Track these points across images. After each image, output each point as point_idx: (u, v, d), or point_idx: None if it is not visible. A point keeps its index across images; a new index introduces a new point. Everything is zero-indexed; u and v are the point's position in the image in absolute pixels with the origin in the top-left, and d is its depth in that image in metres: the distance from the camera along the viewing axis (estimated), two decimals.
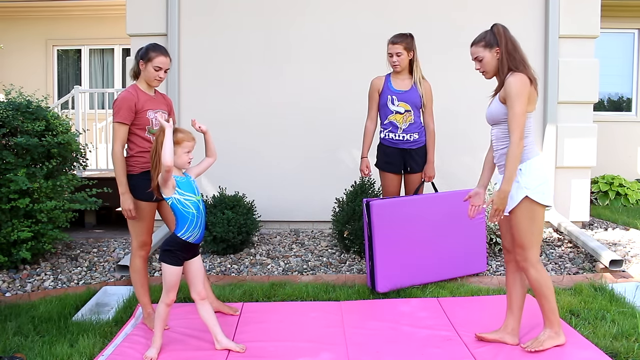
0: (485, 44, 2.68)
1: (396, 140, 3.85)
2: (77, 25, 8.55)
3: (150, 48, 3.08)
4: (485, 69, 2.72)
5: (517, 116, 2.55)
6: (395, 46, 3.74)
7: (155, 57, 3.04)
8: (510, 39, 2.66)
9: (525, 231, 2.62)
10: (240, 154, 5.29)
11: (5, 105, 4.26)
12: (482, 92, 5.18)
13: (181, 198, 2.70)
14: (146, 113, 3.07)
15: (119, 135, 3.04)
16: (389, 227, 3.58)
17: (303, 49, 5.25)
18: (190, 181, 2.79)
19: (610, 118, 7.64)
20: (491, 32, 2.69)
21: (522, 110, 2.56)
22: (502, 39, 2.65)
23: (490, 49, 2.67)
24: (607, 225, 5.59)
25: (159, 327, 2.78)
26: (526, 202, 2.59)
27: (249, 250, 4.66)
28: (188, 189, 2.74)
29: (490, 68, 2.71)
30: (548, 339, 2.70)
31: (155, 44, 3.15)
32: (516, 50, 2.65)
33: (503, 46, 2.64)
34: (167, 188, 2.68)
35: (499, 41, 2.65)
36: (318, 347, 2.84)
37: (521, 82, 2.57)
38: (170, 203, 2.71)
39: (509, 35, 2.67)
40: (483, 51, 2.69)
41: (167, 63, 3.09)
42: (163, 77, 3.12)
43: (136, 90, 3.09)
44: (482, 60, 2.71)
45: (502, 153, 2.71)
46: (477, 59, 2.73)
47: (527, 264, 2.65)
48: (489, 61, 2.69)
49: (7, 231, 4.05)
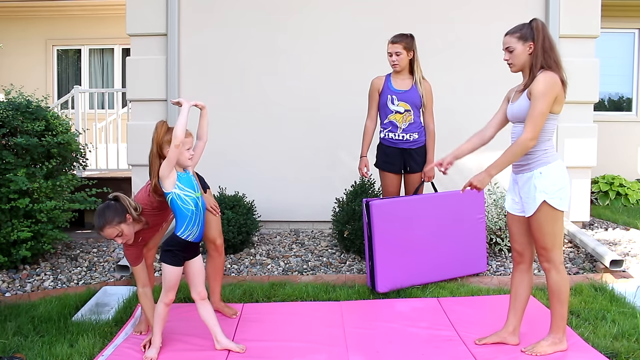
0: (520, 36, 2.60)
1: (396, 140, 3.85)
2: (77, 25, 8.55)
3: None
4: (514, 61, 2.64)
5: (536, 114, 2.50)
6: (395, 45, 3.74)
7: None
8: (548, 36, 2.58)
9: (547, 233, 2.59)
10: (240, 154, 5.29)
11: (5, 105, 4.26)
12: (481, 92, 5.21)
13: (181, 193, 2.69)
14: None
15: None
16: (388, 227, 3.58)
17: (303, 48, 5.25)
18: (191, 177, 2.78)
19: (610, 118, 7.63)
20: (529, 25, 2.61)
21: (543, 110, 2.49)
22: (539, 35, 2.56)
23: (524, 42, 2.59)
24: (607, 225, 5.59)
25: (158, 327, 2.77)
26: (545, 205, 2.56)
27: (249, 250, 4.66)
28: (188, 185, 2.73)
29: (519, 61, 2.63)
30: (551, 345, 2.69)
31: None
32: (552, 49, 2.57)
33: (540, 42, 2.56)
34: (168, 179, 2.65)
35: (536, 36, 2.57)
36: (318, 347, 2.83)
37: (551, 81, 2.50)
38: (170, 198, 2.70)
39: (547, 33, 2.58)
40: (516, 43, 2.61)
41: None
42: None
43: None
44: (513, 52, 2.62)
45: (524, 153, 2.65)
46: (508, 49, 2.64)
47: (551, 265, 2.63)
48: (519, 54, 2.61)
49: (6, 231, 4.05)
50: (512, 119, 2.72)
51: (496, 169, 2.58)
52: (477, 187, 2.60)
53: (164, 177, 2.65)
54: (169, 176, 2.65)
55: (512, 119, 2.72)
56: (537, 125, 2.51)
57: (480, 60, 5.16)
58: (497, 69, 5.08)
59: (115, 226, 2.66)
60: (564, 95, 2.59)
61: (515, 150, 2.55)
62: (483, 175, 2.59)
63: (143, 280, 2.91)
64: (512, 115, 2.72)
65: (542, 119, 2.51)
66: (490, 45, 5.12)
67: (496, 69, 5.09)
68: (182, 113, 2.66)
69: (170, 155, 2.62)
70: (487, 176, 2.59)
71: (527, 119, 2.53)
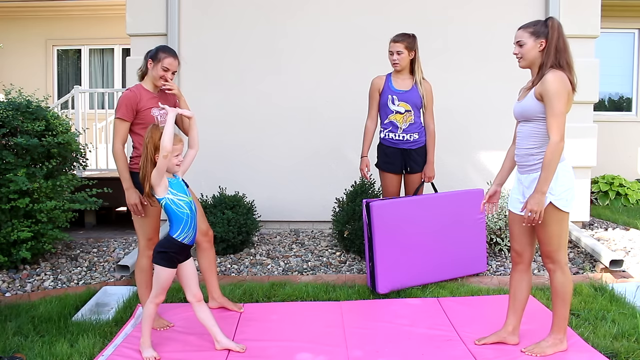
0: (533, 32, 2.59)
1: (396, 140, 3.85)
2: (77, 25, 8.55)
3: (160, 49, 3.15)
4: (523, 56, 2.63)
5: (557, 115, 2.47)
6: (397, 44, 3.73)
7: (164, 58, 3.09)
8: (562, 36, 2.56)
9: (553, 235, 2.59)
10: (240, 154, 5.29)
11: (5, 105, 4.26)
12: (481, 92, 5.21)
13: (175, 198, 2.70)
14: (150, 111, 3.09)
15: (119, 132, 3.08)
16: (389, 227, 3.57)
17: (303, 47, 5.25)
18: (180, 182, 2.79)
19: (610, 118, 7.63)
20: (544, 23, 2.60)
21: (562, 109, 2.48)
22: (553, 33, 2.55)
23: (535, 38, 2.58)
24: (607, 225, 5.59)
25: (147, 327, 2.76)
26: (550, 207, 2.55)
27: (249, 250, 4.66)
28: (179, 190, 2.74)
29: (528, 57, 2.61)
30: (551, 346, 2.69)
31: (165, 45, 3.23)
32: (566, 50, 2.56)
33: (554, 41, 2.54)
34: (160, 187, 2.67)
35: (550, 34, 2.55)
36: (318, 347, 2.83)
37: (561, 80, 2.49)
38: (164, 204, 2.70)
39: (562, 33, 2.57)
40: (528, 37, 2.59)
41: (175, 65, 3.13)
42: (170, 80, 3.14)
43: (139, 89, 3.12)
44: (523, 47, 2.61)
45: (527, 152, 2.63)
46: (518, 43, 2.63)
47: (556, 266, 2.63)
48: (529, 50, 2.60)
49: (7, 231, 4.05)
50: (518, 117, 2.70)
51: (546, 184, 2.50)
52: (537, 211, 2.51)
53: (156, 185, 2.67)
54: (160, 184, 2.67)
55: (518, 117, 2.70)
56: (560, 125, 2.48)
57: (480, 60, 5.16)
58: (497, 68, 5.11)
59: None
60: (573, 95, 2.58)
61: (551, 158, 2.48)
62: (536, 196, 2.50)
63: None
64: (517, 113, 2.69)
65: (563, 118, 2.49)
66: (491, 45, 5.13)
67: (496, 69, 5.11)
68: (168, 122, 2.67)
69: (160, 165, 2.63)
70: (541, 195, 2.50)
71: (550, 122, 2.49)
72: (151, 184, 2.66)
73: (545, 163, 2.49)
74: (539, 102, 2.55)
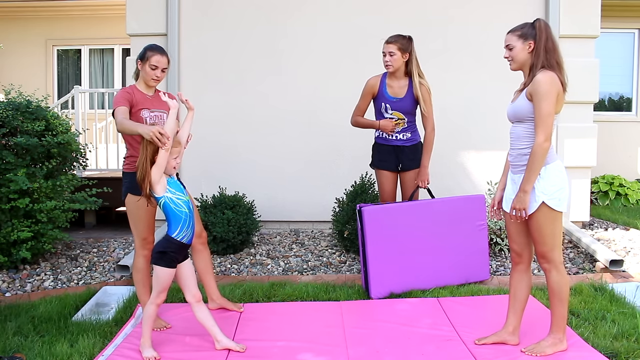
0: (521, 35, 2.62)
1: (389, 138, 3.83)
2: (77, 25, 8.55)
3: (147, 48, 3.14)
4: (513, 58, 2.66)
5: (544, 116, 2.50)
6: (389, 45, 3.66)
7: (151, 56, 3.08)
8: (551, 37, 2.59)
9: (547, 234, 2.59)
10: (240, 153, 5.29)
11: (5, 105, 4.26)
12: (481, 92, 5.21)
13: (173, 197, 2.70)
14: (140, 112, 3.07)
15: (119, 115, 2.94)
16: (381, 233, 3.54)
17: (303, 48, 5.24)
18: (177, 182, 2.81)
19: (610, 118, 7.64)
20: (531, 25, 2.62)
21: (550, 110, 2.50)
22: (541, 35, 2.57)
23: (524, 40, 2.61)
24: (607, 225, 5.59)
25: (147, 327, 2.76)
26: (543, 207, 2.56)
27: (249, 250, 4.66)
28: (177, 189, 2.75)
29: (518, 59, 2.64)
30: (551, 346, 2.69)
31: (153, 44, 3.19)
32: (555, 50, 2.58)
33: (542, 42, 2.57)
34: (159, 185, 2.66)
35: (538, 36, 2.58)
36: (318, 347, 2.83)
37: (551, 80, 2.51)
38: (162, 203, 2.70)
39: (550, 33, 2.59)
40: (516, 40, 2.63)
41: (163, 62, 3.11)
42: (160, 77, 3.12)
43: (133, 89, 3.12)
44: (512, 50, 2.64)
45: (520, 153, 2.65)
46: (508, 46, 2.66)
47: (551, 266, 2.63)
48: (519, 52, 2.63)
49: (7, 231, 4.05)
50: (511, 118, 2.72)
51: (529, 183, 2.54)
52: (520, 209, 2.56)
53: (155, 183, 2.66)
54: (159, 181, 2.67)
55: (511, 118, 2.72)
56: (547, 126, 2.50)
57: (480, 59, 5.16)
58: (497, 68, 5.10)
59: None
60: (564, 95, 2.60)
61: (536, 158, 2.52)
62: (519, 195, 2.56)
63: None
64: (510, 115, 2.72)
65: (551, 119, 2.51)
66: (491, 45, 5.12)
67: (496, 69, 5.10)
68: (171, 116, 2.71)
69: (160, 161, 2.63)
70: (524, 194, 2.55)
71: (536, 122, 2.52)
72: (151, 182, 2.66)
73: (529, 163, 2.54)
74: (530, 102, 2.57)
